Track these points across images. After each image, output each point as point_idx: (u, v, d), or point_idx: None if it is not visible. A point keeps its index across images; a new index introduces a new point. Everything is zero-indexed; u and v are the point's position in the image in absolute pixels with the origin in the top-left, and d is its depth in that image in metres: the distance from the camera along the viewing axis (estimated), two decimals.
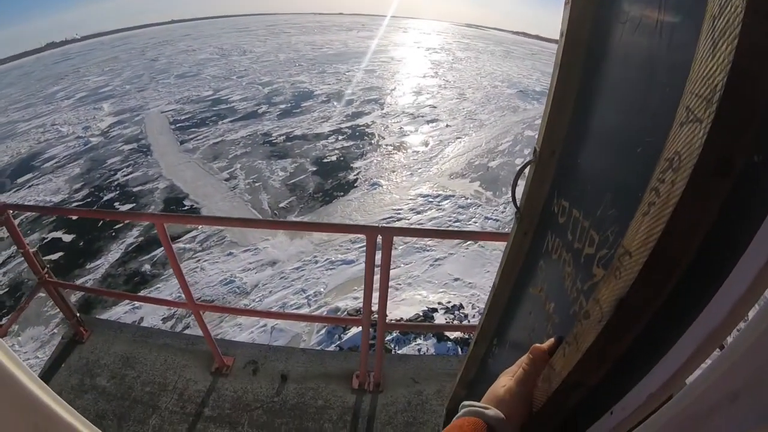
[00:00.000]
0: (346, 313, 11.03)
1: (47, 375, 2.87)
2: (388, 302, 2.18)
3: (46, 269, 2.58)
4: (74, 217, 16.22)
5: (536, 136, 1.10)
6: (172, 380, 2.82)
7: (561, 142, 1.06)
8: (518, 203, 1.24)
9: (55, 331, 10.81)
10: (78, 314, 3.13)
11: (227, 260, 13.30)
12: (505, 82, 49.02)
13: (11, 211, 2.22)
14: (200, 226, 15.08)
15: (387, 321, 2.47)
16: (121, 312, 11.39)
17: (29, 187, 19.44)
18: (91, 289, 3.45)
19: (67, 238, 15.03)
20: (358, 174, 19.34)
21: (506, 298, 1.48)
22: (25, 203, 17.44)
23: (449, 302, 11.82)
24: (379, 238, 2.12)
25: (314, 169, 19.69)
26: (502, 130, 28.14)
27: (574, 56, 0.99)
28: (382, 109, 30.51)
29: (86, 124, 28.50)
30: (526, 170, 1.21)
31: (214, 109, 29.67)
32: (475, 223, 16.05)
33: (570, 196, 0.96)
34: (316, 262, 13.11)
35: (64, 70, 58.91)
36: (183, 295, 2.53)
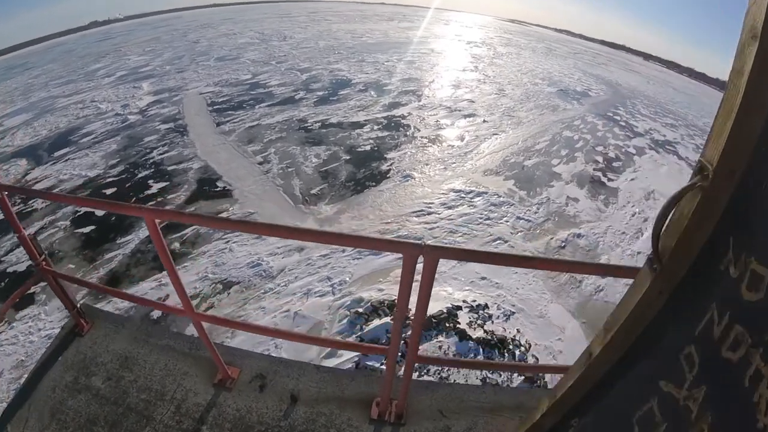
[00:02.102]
0: (370, 304, 10.93)
1: (43, 369, 2.70)
2: (413, 297, 1.87)
3: (43, 256, 2.40)
4: (108, 192, 16.62)
5: (574, 137, 0.73)
6: (170, 389, 2.59)
7: (748, 157, 0.69)
8: (659, 243, 0.84)
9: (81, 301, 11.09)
10: (78, 305, 2.91)
11: (256, 243, 13.34)
12: (546, 80, 47.88)
13: (6, 193, 2.07)
14: (231, 208, 15.26)
15: (418, 353, 2.09)
16: (147, 288, 11.71)
17: (66, 160, 19.94)
18: (86, 283, 3.19)
19: (99, 213, 15.25)
20: (391, 165, 19.15)
21: (608, 375, 1.07)
22: (60, 177, 18.02)
23: (474, 301, 11.57)
24: (421, 259, 1.73)
25: (348, 157, 19.59)
26: (540, 129, 27.42)
27: None
28: (420, 101, 30.12)
29: (125, 102, 29.07)
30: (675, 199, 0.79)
31: (252, 93, 29.89)
32: (507, 222, 15.67)
33: (761, 248, 0.60)
34: (344, 250, 13.01)
35: (105, 49, 60.27)
36: (183, 300, 2.26)
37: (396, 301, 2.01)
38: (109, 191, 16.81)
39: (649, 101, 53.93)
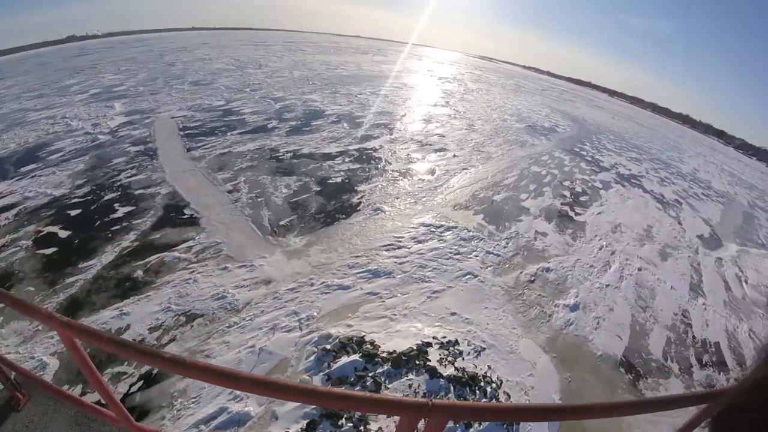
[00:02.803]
0: (338, 341, 10.77)
1: None
2: (382, 333, 1.75)
3: None
4: (72, 213, 16.12)
5: (542, 172, 0.73)
6: None
7: None
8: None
9: (39, 328, 10.53)
10: (13, 376, 2.61)
11: (222, 274, 13.05)
12: (515, 116, 49.62)
13: None
14: (197, 237, 14.90)
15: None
16: (108, 317, 11.15)
17: (32, 177, 19.34)
18: (18, 367, 2.60)
19: (63, 234, 14.84)
20: (361, 198, 19.24)
21: None
22: (25, 194, 17.46)
23: (445, 337, 11.61)
24: (422, 424, 1.52)
25: (318, 189, 19.58)
26: (508, 164, 28.25)
27: None
28: (392, 134, 30.61)
29: (96, 120, 28.57)
30: None
31: (225, 119, 29.75)
32: (476, 256, 15.90)
33: None
34: (312, 284, 12.87)
35: (81, 65, 59.84)
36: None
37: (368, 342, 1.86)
38: (73, 212, 16.31)
39: (614, 136, 56.53)
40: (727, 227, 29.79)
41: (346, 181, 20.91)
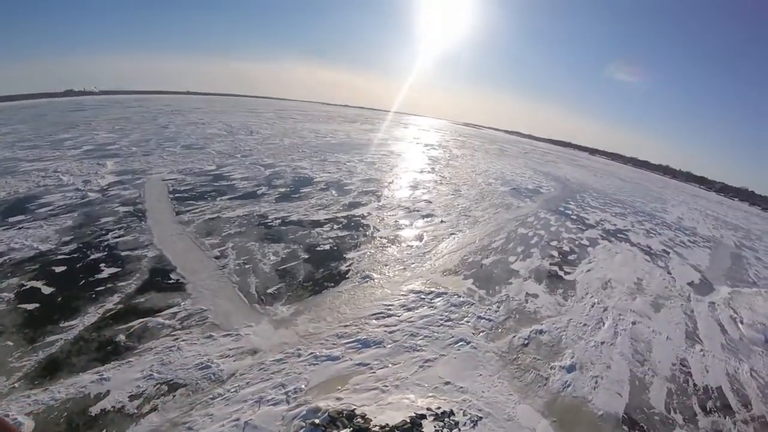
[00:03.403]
0: (327, 414, 10.37)
1: None
2: (373, 406, 1.79)
3: None
4: (57, 270, 15.92)
5: (529, 234, 0.85)
6: None
7: None
8: None
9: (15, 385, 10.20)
10: None
11: (206, 343, 12.78)
12: (499, 179, 51.13)
13: None
14: (183, 303, 14.61)
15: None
16: (87, 380, 10.77)
17: (20, 228, 19.22)
18: None
19: (47, 290, 14.58)
20: (350, 265, 19.28)
21: None
22: (11, 245, 17.34)
23: (439, 408, 11.32)
24: None
25: (306, 256, 19.63)
26: (495, 227, 28.75)
27: None
28: (379, 201, 31.22)
29: (87, 177, 28.74)
30: None
31: (215, 184, 30.12)
32: (468, 322, 15.86)
33: None
34: (299, 355, 12.59)
35: (76, 120, 60.95)
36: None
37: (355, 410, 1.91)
38: (58, 269, 16.08)
39: (597, 193, 58.31)
40: (717, 271, 30.32)
41: (335, 248, 21.02)
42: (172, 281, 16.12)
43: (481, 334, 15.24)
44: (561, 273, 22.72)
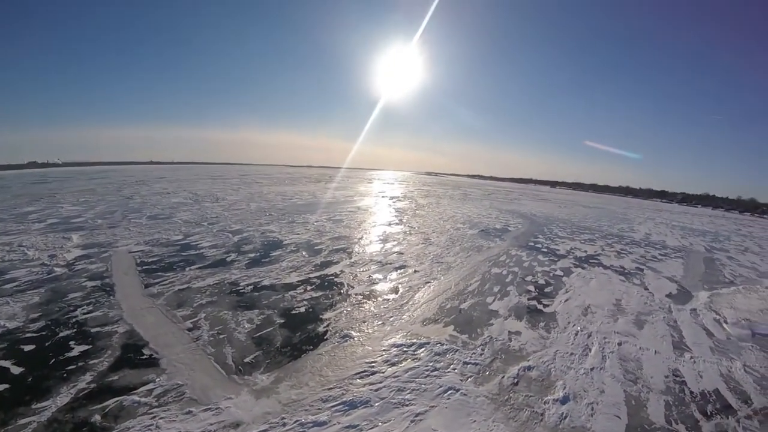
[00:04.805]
0: None
1: None
2: None
3: None
4: (26, 348, 15.14)
5: (503, 272, 0.92)
6: None
7: None
8: None
9: None
10: None
11: (186, 419, 12.21)
12: (467, 223, 52.11)
13: None
14: (158, 378, 13.91)
15: None
16: None
17: None
18: None
19: (16, 370, 13.76)
20: (328, 326, 18.97)
21: None
22: None
23: None
24: None
25: (282, 321, 19.28)
26: (469, 270, 28.96)
27: None
28: (351, 258, 31.19)
29: (53, 252, 27.87)
30: None
31: (183, 254, 29.57)
32: (454, 369, 15.57)
33: None
34: (284, 424, 12.10)
35: (40, 192, 59.98)
36: None
37: None
38: (27, 348, 15.25)
39: (564, 223, 59.93)
40: (693, 278, 31.11)
41: (310, 310, 20.73)
42: (145, 356, 15.53)
43: (470, 379, 15.00)
44: (540, 306, 22.88)
